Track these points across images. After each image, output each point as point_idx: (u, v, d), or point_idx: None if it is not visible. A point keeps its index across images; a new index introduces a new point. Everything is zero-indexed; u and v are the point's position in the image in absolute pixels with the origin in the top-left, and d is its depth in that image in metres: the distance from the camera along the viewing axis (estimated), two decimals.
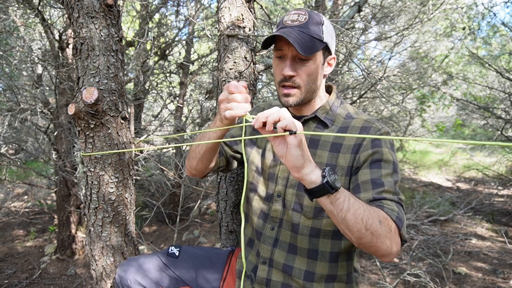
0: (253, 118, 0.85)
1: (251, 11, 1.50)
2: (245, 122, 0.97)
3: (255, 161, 1.18)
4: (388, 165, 0.97)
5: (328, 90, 1.17)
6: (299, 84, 1.02)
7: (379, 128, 1.03)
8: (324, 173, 0.79)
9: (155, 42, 3.75)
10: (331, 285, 1.05)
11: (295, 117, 1.12)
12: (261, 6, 1.68)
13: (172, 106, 4.45)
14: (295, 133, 0.74)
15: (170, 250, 1.23)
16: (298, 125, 0.77)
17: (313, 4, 3.40)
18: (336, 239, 1.03)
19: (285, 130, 0.75)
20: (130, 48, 3.85)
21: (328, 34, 1.03)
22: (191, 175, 1.24)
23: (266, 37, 1.00)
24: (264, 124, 0.78)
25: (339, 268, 1.05)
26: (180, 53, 4.26)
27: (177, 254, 1.21)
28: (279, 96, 1.06)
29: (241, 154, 1.26)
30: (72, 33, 1.22)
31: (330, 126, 1.08)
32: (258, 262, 1.11)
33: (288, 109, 1.14)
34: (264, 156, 1.16)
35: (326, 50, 1.05)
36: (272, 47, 1.05)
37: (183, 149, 3.48)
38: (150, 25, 3.82)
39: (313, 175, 0.78)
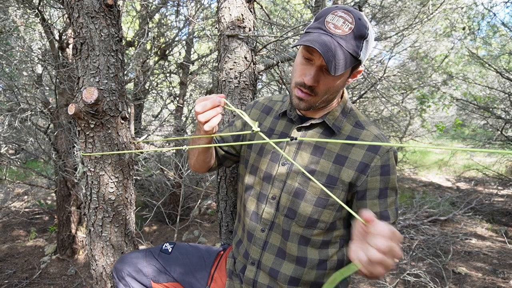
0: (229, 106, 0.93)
1: (251, 11, 1.50)
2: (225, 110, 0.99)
3: (250, 160, 1.15)
4: (393, 191, 1.00)
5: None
6: (317, 92, 0.95)
7: (387, 148, 0.97)
8: None
9: (155, 42, 3.75)
10: None
11: (301, 117, 1.07)
12: (261, 6, 1.67)
13: (172, 106, 4.45)
14: (295, 139, 0.76)
15: (164, 246, 1.24)
16: None
17: (313, 4, 3.39)
18: (324, 248, 1.02)
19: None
20: (130, 48, 3.85)
21: (367, 49, 0.93)
22: (194, 170, 1.26)
23: (303, 40, 0.88)
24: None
25: (326, 276, 1.03)
26: (180, 53, 4.26)
27: (170, 250, 1.22)
28: (292, 95, 0.99)
29: (233, 154, 1.24)
30: (72, 33, 1.22)
31: (337, 134, 1.02)
32: (246, 262, 1.10)
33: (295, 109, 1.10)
34: (261, 155, 1.11)
35: (357, 64, 0.95)
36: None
37: (183, 149, 3.48)
38: (150, 25, 3.82)
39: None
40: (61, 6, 2.65)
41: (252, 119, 1.17)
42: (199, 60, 4.19)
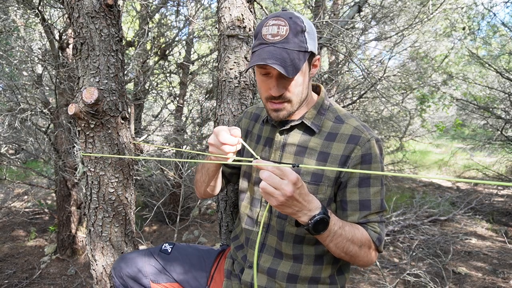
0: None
1: (251, 11, 1.50)
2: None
3: (243, 167, 1.18)
4: (377, 181, 1.00)
5: (316, 90, 1.12)
6: (289, 98, 0.97)
7: (368, 138, 0.98)
8: (311, 220, 0.86)
9: (155, 42, 3.75)
10: (314, 287, 1.05)
11: (282, 121, 1.07)
12: (261, 6, 1.68)
13: (172, 106, 4.45)
14: (297, 166, 0.79)
15: (163, 246, 1.24)
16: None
17: (313, 4, 3.40)
18: (319, 244, 1.03)
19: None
20: (130, 48, 3.85)
21: (311, 39, 0.95)
22: (205, 197, 1.29)
23: (252, 61, 0.93)
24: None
25: (323, 271, 1.04)
26: (180, 53, 4.26)
27: (169, 250, 1.22)
28: (268, 110, 1.02)
29: (238, 167, 1.26)
30: (72, 33, 1.22)
31: (317, 132, 1.03)
32: (244, 265, 1.11)
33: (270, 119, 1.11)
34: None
35: (311, 55, 0.98)
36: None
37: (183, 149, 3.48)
38: (150, 25, 3.82)
39: (304, 218, 0.87)
40: (61, 6, 2.65)
41: (243, 128, 1.23)
42: (199, 60, 4.18)
